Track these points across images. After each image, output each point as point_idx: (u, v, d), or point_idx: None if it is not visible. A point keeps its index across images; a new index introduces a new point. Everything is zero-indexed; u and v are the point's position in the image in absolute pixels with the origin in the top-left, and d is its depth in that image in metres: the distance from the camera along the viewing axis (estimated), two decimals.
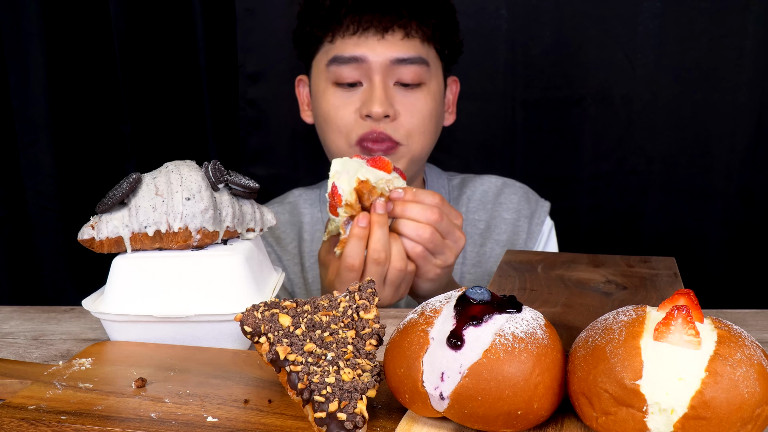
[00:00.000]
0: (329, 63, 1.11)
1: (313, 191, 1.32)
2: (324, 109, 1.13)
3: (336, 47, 1.11)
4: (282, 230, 1.28)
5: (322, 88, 1.14)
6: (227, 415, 0.57)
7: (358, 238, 0.89)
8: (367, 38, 1.09)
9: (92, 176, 1.41)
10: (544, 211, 1.27)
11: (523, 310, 0.54)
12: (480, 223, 1.27)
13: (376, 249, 0.89)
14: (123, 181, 0.76)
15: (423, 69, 1.11)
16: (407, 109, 1.11)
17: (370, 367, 0.57)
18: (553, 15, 1.45)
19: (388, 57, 1.08)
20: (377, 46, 1.08)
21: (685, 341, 0.48)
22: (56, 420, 0.56)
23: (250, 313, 0.58)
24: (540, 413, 0.51)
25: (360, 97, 1.10)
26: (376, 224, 0.89)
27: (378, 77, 1.08)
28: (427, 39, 1.12)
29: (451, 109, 1.25)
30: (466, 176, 1.33)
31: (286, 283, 1.25)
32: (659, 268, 0.87)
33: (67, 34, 1.36)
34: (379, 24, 1.08)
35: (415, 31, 1.10)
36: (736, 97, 1.46)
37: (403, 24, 1.09)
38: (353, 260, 0.90)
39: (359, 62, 1.09)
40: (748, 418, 0.46)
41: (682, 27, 1.44)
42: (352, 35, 1.09)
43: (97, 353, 0.70)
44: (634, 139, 1.50)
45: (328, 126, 1.14)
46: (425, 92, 1.12)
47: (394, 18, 1.09)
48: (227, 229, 0.78)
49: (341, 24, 1.10)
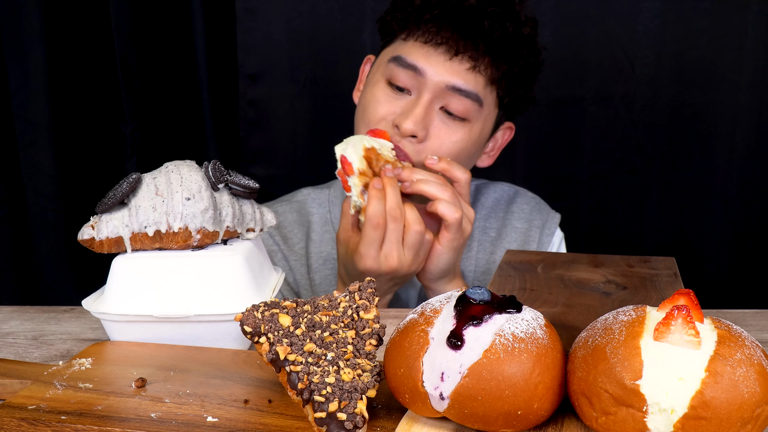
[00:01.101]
0: (391, 60, 1.09)
1: (322, 191, 1.30)
2: (367, 99, 1.11)
3: (405, 47, 1.08)
4: (289, 230, 1.27)
5: (376, 79, 1.12)
6: (227, 415, 0.57)
7: (377, 198, 0.96)
8: (435, 53, 1.05)
9: (92, 176, 1.41)
10: (555, 222, 1.27)
11: (523, 310, 0.54)
12: (491, 231, 1.26)
13: (392, 206, 0.96)
14: (123, 181, 0.76)
15: (474, 107, 1.06)
16: (439, 137, 1.06)
17: (370, 367, 0.57)
18: (553, 15, 1.45)
19: (446, 81, 1.05)
20: (440, 66, 1.05)
21: (685, 341, 0.48)
22: (56, 420, 0.56)
23: (250, 313, 0.58)
24: (540, 413, 0.51)
25: (402, 105, 1.07)
26: (388, 185, 0.97)
27: (427, 95, 1.05)
28: (492, 81, 1.07)
29: (494, 153, 1.20)
30: (481, 183, 1.31)
31: (292, 284, 1.24)
32: (659, 268, 0.87)
33: (67, 34, 1.36)
34: (452, 44, 1.05)
35: (484, 68, 1.06)
36: (736, 97, 1.46)
37: (475, 56, 1.05)
38: (377, 218, 0.96)
39: (417, 73, 1.05)
40: (748, 418, 0.46)
41: (682, 27, 1.44)
42: (423, 43, 1.06)
43: (97, 353, 0.70)
44: (634, 139, 1.50)
45: (362, 117, 1.12)
46: (466, 129, 1.08)
47: (469, 45, 1.05)
48: (227, 229, 0.78)
49: (419, 28, 1.07)
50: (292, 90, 1.53)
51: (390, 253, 0.96)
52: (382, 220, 0.96)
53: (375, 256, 0.96)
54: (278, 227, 1.27)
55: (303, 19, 1.49)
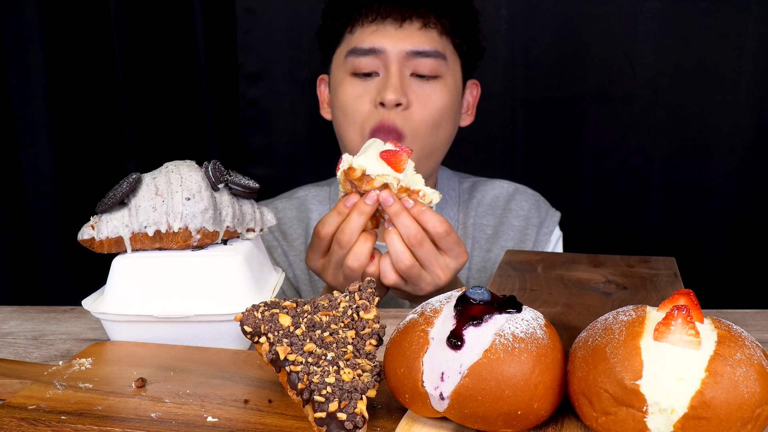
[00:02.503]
0: (348, 54, 1.12)
1: (322, 189, 1.31)
2: (341, 100, 1.14)
3: (355, 38, 1.12)
4: (289, 226, 1.28)
5: (340, 79, 1.14)
6: (227, 415, 0.57)
7: (338, 214, 0.88)
8: (384, 27, 1.10)
9: (92, 176, 1.41)
10: (554, 221, 1.27)
11: (523, 310, 0.54)
12: (488, 228, 1.26)
13: (343, 231, 0.87)
14: (123, 181, 0.76)
15: (440, 62, 1.11)
16: (420, 100, 1.11)
17: (370, 367, 0.57)
18: (553, 15, 1.45)
19: (405, 48, 1.09)
20: (394, 37, 1.10)
21: (685, 341, 0.48)
22: (56, 420, 0.56)
23: (250, 313, 0.58)
24: (540, 413, 0.51)
25: (376, 86, 1.11)
26: (355, 211, 0.86)
27: (394, 66, 1.09)
28: (445, 32, 1.13)
29: (471, 111, 1.25)
30: (478, 180, 1.32)
31: (292, 279, 1.25)
32: (659, 268, 0.87)
33: (67, 35, 1.36)
34: (397, 14, 1.10)
35: (433, 23, 1.11)
36: (736, 97, 1.46)
37: (421, 14, 1.11)
38: (325, 230, 0.88)
39: (377, 53, 1.10)
40: (748, 418, 0.46)
41: (682, 27, 1.44)
42: (370, 23, 1.11)
43: (97, 353, 0.70)
44: (634, 139, 1.50)
45: (344, 117, 1.14)
46: (441, 85, 1.12)
47: (412, 8, 1.10)
48: (227, 229, 0.78)
49: (360, 14, 1.12)
50: (292, 90, 1.53)
51: (327, 268, 0.91)
52: (325, 231, 0.88)
53: (314, 259, 0.93)
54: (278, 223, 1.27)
55: (303, 19, 1.49)
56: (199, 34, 1.44)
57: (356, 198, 0.86)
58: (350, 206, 0.86)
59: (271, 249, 1.25)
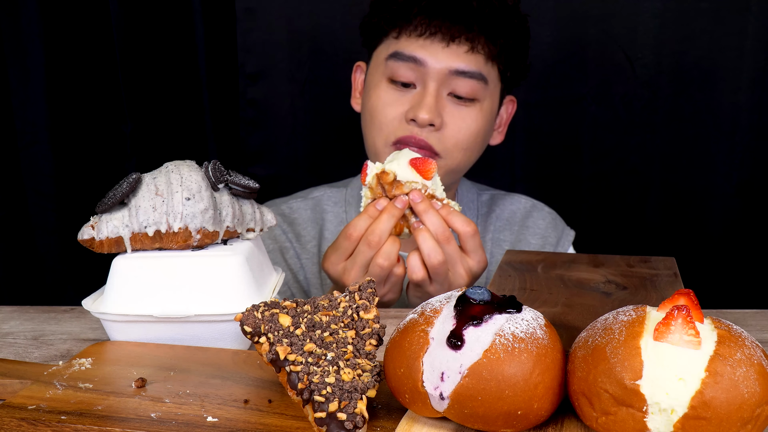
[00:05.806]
0: (389, 57, 1.09)
1: (339, 190, 1.30)
2: (372, 103, 1.11)
3: (399, 44, 1.09)
4: (303, 227, 1.26)
5: (376, 80, 1.11)
6: (227, 415, 0.57)
7: (368, 216, 0.91)
8: (432, 42, 1.06)
9: (92, 176, 1.41)
10: (569, 240, 1.26)
11: (523, 310, 0.54)
12: (505, 244, 1.25)
13: (373, 231, 0.90)
14: (123, 181, 0.76)
15: (480, 85, 1.08)
16: (455, 122, 1.08)
17: (370, 367, 0.57)
18: (553, 15, 1.45)
19: (448, 66, 1.06)
20: (440, 53, 1.06)
21: (685, 341, 0.48)
22: (56, 420, 0.56)
23: (250, 313, 0.58)
24: (540, 413, 0.51)
25: (410, 99, 1.08)
26: (386, 213, 0.90)
27: (433, 84, 1.06)
28: (491, 57, 1.09)
29: (502, 129, 1.22)
30: (496, 193, 1.31)
31: (302, 281, 1.23)
32: (659, 268, 0.87)
33: (67, 35, 1.36)
34: (447, 31, 1.06)
35: (481, 47, 1.07)
36: (736, 97, 1.46)
37: (471, 37, 1.06)
38: (353, 231, 0.91)
39: (418, 64, 1.07)
40: (748, 418, 0.46)
41: (682, 27, 1.44)
42: (418, 36, 1.07)
43: (97, 353, 0.70)
44: (634, 139, 1.50)
45: (371, 122, 1.11)
46: (477, 109, 1.09)
47: (463, 29, 1.06)
48: (227, 229, 0.78)
49: (410, 23, 1.08)
50: (292, 90, 1.53)
51: (349, 270, 0.93)
52: (356, 234, 0.91)
53: (335, 262, 0.94)
54: (292, 223, 1.26)
55: (303, 19, 1.49)
56: (199, 34, 1.44)
57: (386, 202, 0.91)
58: (380, 209, 0.90)
59: (284, 250, 1.24)
